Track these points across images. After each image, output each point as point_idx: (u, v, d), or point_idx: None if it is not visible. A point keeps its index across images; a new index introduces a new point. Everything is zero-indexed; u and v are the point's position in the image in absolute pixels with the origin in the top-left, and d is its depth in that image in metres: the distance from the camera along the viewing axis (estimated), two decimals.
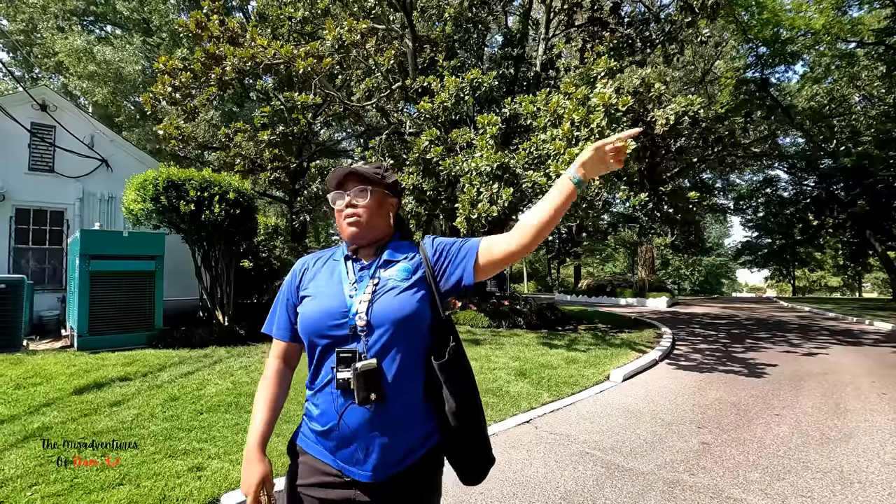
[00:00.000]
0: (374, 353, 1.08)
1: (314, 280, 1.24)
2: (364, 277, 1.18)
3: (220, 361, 5.89)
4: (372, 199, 1.20)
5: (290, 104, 9.00)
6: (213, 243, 8.36)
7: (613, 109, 5.67)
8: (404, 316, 1.10)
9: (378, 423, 1.07)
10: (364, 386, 1.05)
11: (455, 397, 1.11)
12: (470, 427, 1.14)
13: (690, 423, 4.26)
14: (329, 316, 1.13)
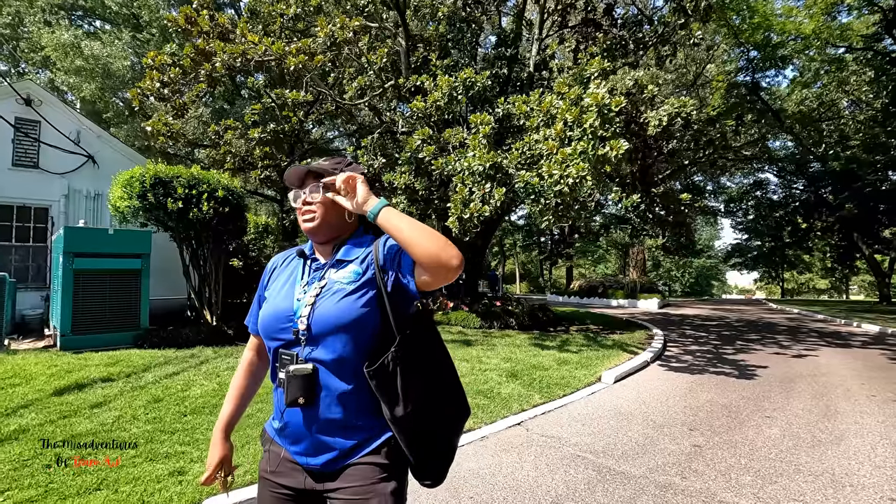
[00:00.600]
0: (312, 357, 1.11)
1: (276, 280, 1.28)
2: (318, 277, 1.19)
3: (207, 362, 5.78)
4: (327, 198, 1.19)
5: (282, 101, 8.88)
6: (201, 242, 8.23)
7: (606, 109, 5.65)
8: (343, 323, 1.10)
9: (313, 423, 1.11)
10: (293, 389, 1.09)
11: (388, 405, 1.10)
12: (413, 434, 1.11)
13: (682, 425, 4.23)
14: (277, 319, 1.17)
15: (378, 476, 1.11)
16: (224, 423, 1.32)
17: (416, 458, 1.14)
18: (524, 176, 6.72)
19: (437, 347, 1.22)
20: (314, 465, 1.13)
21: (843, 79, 22.15)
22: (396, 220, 1.09)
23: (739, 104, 20.92)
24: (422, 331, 1.17)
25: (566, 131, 6.19)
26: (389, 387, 1.09)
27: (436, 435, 1.16)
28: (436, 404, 1.15)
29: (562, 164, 5.95)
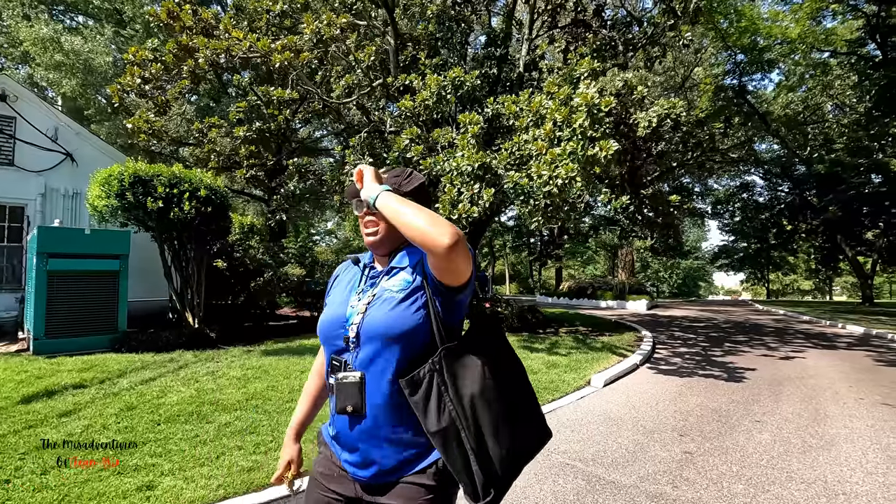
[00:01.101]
0: (361, 364, 1.10)
1: (337, 287, 1.30)
2: (373, 284, 1.19)
3: (186, 367, 5.60)
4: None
5: (267, 99, 8.70)
6: (183, 242, 8.03)
7: (596, 109, 5.57)
8: (392, 331, 1.08)
9: (362, 433, 1.09)
10: (342, 396, 1.10)
11: (422, 417, 1.05)
12: (453, 450, 1.04)
13: (672, 430, 4.16)
14: (331, 325, 1.18)
15: (424, 497, 1.08)
16: (295, 426, 1.37)
17: (456, 475, 1.06)
18: (513, 177, 6.62)
19: (500, 360, 1.14)
20: (362, 477, 1.13)
21: (827, 83, 22.47)
22: (394, 204, 1.06)
23: (727, 107, 21.10)
24: (476, 341, 1.13)
25: (555, 131, 6.11)
26: (422, 399, 1.05)
27: (479, 454, 1.04)
28: (487, 423, 1.05)
29: (551, 165, 5.87)
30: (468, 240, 10.86)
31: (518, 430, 1.10)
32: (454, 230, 0.99)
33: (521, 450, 1.11)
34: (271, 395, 4.45)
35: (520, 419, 1.13)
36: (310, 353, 6.53)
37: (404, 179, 1.24)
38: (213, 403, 4.17)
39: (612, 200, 9.28)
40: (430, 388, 1.05)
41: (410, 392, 1.05)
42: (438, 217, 1.02)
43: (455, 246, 0.99)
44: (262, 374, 5.28)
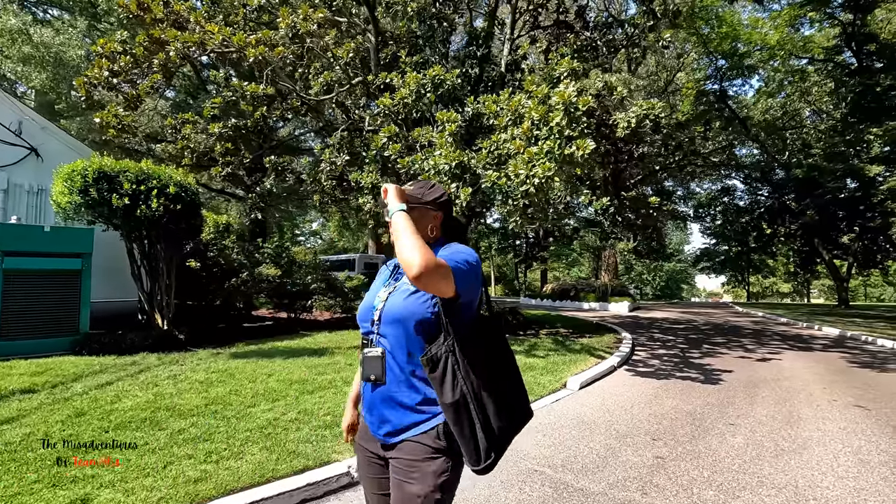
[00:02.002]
0: (381, 342, 1.34)
1: (375, 282, 1.53)
2: (396, 279, 1.43)
3: (148, 370, 5.36)
4: (411, 216, 1.33)
5: (240, 94, 8.47)
6: (152, 241, 7.77)
7: (573, 108, 5.50)
8: (403, 316, 1.30)
9: (380, 399, 1.32)
10: (368, 368, 1.34)
11: (438, 390, 1.25)
12: (462, 420, 1.22)
13: (645, 434, 4.08)
14: (365, 310, 1.43)
15: (425, 455, 1.26)
16: (352, 396, 1.63)
17: (462, 442, 1.24)
18: (491, 176, 6.52)
19: (497, 352, 1.37)
20: (377, 435, 1.35)
21: (805, 89, 22.90)
22: (397, 226, 1.26)
23: (708, 111, 21.36)
24: (481, 335, 1.33)
25: (533, 130, 6.03)
26: (440, 375, 1.24)
27: (485, 425, 1.24)
28: (486, 401, 1.25)
29: (528, 164, 5.78)
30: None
31: (512, 407, 1.34)
32: (423, 263, 1.14)
33: (514, 424, 1.34)
34: (233, 400, 4.26)
35: (513, 399, 1.35)
36: (280, 355, 6.34)
37: (427, 190, 1.47)
38: (170, 409, 3.97)
39: (594, 201, 9.26)
40: (447, 366, 1.24)
41: (430, 369, 1.25)
42: (418, 248, 1.17)
43: (419, 278, 1.15)
44: (227, 377, 5.08)
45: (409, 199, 1.41)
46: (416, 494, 1.23)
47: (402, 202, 1.33)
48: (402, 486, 1.26)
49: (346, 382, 5.04)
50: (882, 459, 3.58)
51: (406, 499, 1.24)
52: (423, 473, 1.24)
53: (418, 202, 1.43)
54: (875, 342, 10.38)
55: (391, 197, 1.35)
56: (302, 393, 4.59)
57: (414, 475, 1.25)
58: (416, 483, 1.24)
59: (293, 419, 3.85)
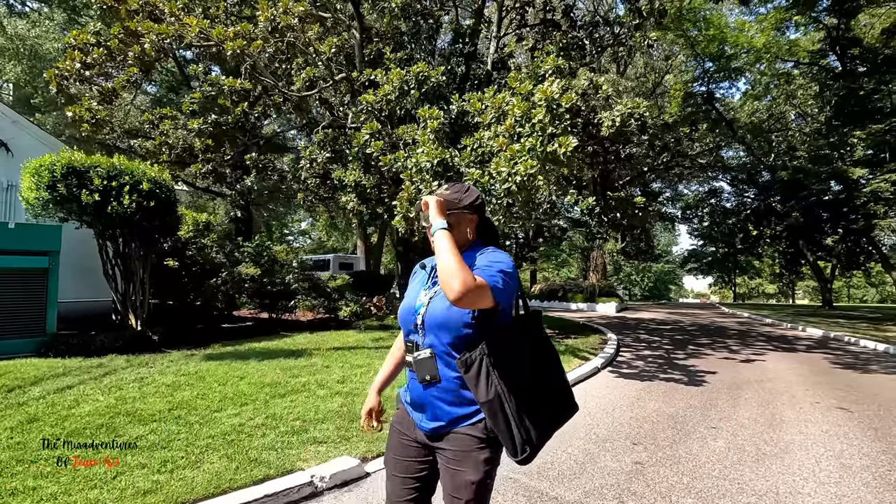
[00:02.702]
0: (427, 345, 1.41)
1: (412, 282, 1.59)
2: (435, 282, 1.46)
3: (114, 373, 5.15)
4: (448, 221, 1.40)
5: (217, 89, 8.26)
6: (126, 239, 7.53)
7: (556, 104, 5.40)
8: (446, 321, 1.36)
9: (434, 395, 1.40)
10: (421, 370, 1.41)
11: (474, 390, 1.33)
12: (497, 416, 1.31)
13: (626, 438, 3.97)
14: (406, 312, 1.49)
15: (475, 445, 1.36)
16: (379, 382, 1.71)
17: (500, 435, 1.33)
18: (474, 174, 6.40)
19: (534, 350, 1.43)
20: (426, 429, 1.43)
21: (790, 92, 23.12)
22: (438, 244, 1.33)
23: (695, 113, 21.48)
24: (516, 336, 1.40)
25: (516, 127, 5.92)
26: (473, 376, 1.32)
27: (519, 422, 1.31)
28: (521, 399, 1.32)
29: (510, 162, 5.66)
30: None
31: (551, 403, 1.41)
32: (462, 289, 1.21)
33: (555, 419, 1.42)
34: (198, 405, 4.08)
35: (552, 395, 1.42)
36: (256, 357, 6.15)
37: (463, 194, 1.51)
38: (130, 414, 3.78)
39: (580, 201, 9.18)
40: (480, 368, 1.31)
41: (465, 370, 1.33)
42: (457, 273, 1.23)
43: (459, 301, 1.23)
44: (197, 380, 4.89)
45: (447, 204, 1.46)
46: (471, 481, 1.34)
47: (444, 218, 1.38)
48: (455, 475, 1.37)
49: (320, 385, 4.87)
50: (864, 464, 3.50)
51: (460, 485, 1.35)
52: (475, 462, 1.35)
53: (456, 207, 1.48)
54: (858, 343, 10.43)
55: (433, 213, 1.39)
56: (273, 396, 4.42)
57: (467, 464, 1.35)
58: (470, 471, 1.35)
59: (260, 424, 3.68)
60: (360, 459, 3.19)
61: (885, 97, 17.87)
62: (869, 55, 18.50)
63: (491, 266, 1.35)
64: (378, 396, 1.75)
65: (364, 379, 5.24)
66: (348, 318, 10.82)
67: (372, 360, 6.32)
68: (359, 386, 4.93)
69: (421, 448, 1.48)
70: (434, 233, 1.36)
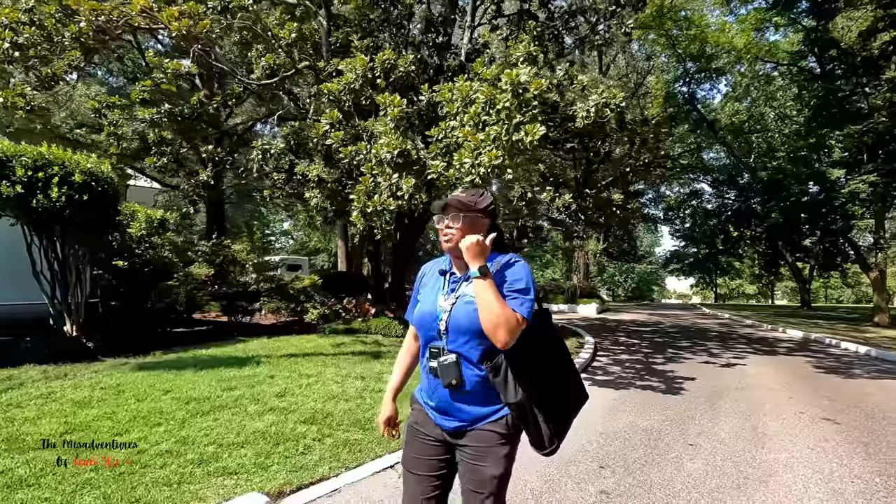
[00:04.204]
0: (452, 350, 1.47)
1: (425, 287, 1.65)
2: (453, 289, 1.53)
3: (19, 387, 4.52)
4: (463, 223, 1.50)
5: (161, 72, 7.62)
6: (62, 236, 6.88)
7: (521, 89, 4.94)
8: (471, 327, 1.43)
9: (457, 398, 1.46)
10: (446, 375, 1.45)
11: (502, 392, 1.41)
12: (526, 415, 1.41)
13: (592, 460, 3.51)
14: (426, 318, 1.55)
15: (496, 441, 1.43)
16: (392, 390, 1.73)
17: (528, 433, 1.45)
18: (437, 166, 5.92)
19: (553, 346, 1.53)
20: (448, 427, 1.49)
21: (770, 93, 23.16)
22: (481, 292, 1.37)
23: (677, 113, 21.36)
24: (535, 335, 1.45)
25: (481, 115, 5.45)
26: (501, 380, 1.40)
27: (546, 417, 1.43)
28: (547, 393, 1.44)
29: (474, 152, 5.19)
30: (406, 235, 9.87)
31: (569, 394, 1.54)
32: (507, 338, 1.33)
33: (572, 408, 1.56)
34: (100, 426, 3.50)
35: (569, 387, 1.54)
36: (195, 365, 5.56)
37: (479, 198, 1.56)
38: (9, 440, 3.19)
39: (556, 198, 8.77)
40: (507, 372, 1.40)
41: (493, 375, 1.41)
42: (504, 321, 1.32)
43: (506, 345, 1.34)
44: (113, 395, 4.30)
45: (463, 206, 1.51)
46: (493, 475, 1.41)
47: (483, 262, 1.40)
48: (477, 470, 1.43)
49: (254, 399, 4.32)
50: (857, 489, 3.09)
51: (483, 480, 1.41)
52: (496, 457, 1.41)
53: (471, 210, 1.52)
54: (839, 345, 10.20)
55: (473, 253, 1.40)
56: (194, 415, 3.85)
57: (488, 459, 1.41)
58: (492, 466, 1.41)
59: (164, 451, 3.12)
60: (269, 497, 2.66)
61: (862, 99, 17.90)
62: (846, 58, 18.52)
63: (519, 295, 1.42)
64: (394, 404, 1.74)
65: (309, 392, 4.71)
66: (316, 321, 10.25)
67: (325, 369, 5.78)
68: (300, 400, 4.39)
69: (441, 446, 1.52)
70: (473, 276, 1.39)
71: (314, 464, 3.11)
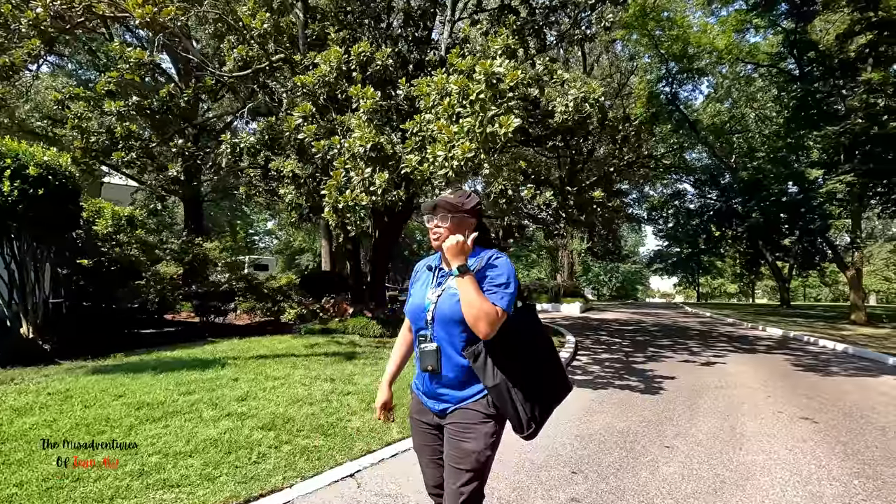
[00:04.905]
0: (436, 338, 1.58)
1: (416, 282, 1.75)
2: (440, 283, 1.62)
3: None
4: (451, 223, 1.61)
5: (125, 61, 7.29)
6: (16, 233, 6.53)
7: (495, 79, 4.78)
8: (454, 317, 1.52)
9: (437, 382, 1.58)
10: (424, 361, 1.59)
11: (482, 378, 1.50)
12: (504, 398, 1.48)
13: (565, 465, 3.36)
14: (416, 310, 1.66)
15: (478, 419, 1.52)
16: (388, 377, 1.84)
17: (508, 416, 1.51)
18: (412, 161, 5.72)
19: (536, 339, 1.61)
20: (435, 410, 1.61)
21: (751, 94, 23.43)
22: (463, 287, 1.47)
23: (660, 113, 21.46)
24: (517, 327, 1.54)
25: (455, 107, 5.27)
26: (481, 365, 1.49)
27: (524, 398, 1.49)
28: (524, 382, 1.50)
29: (447, 145, 5.00)
30: (386, 233, 9.53)
31: (550, 384, 1.59)
32: (488, 329, 1.42)
33: (553, 397, 1.60)
34: (36, 435, 3.24)
35: (551, 377, 1.60)
36: (156, 368, 5.28)
37: (465, 199, 1.65)
38: None
39: (537, 196, 8.64)
40: (486, 357, 1.49)
41: (473, 360, 1.50)
42: (484, 313, 1.41)
43: (488, 335, 1.43)
44: (59, 401, 4.02)
45: (450, 207, 1.61)
46: (472, 451, 1.49)
47: (465, 260, 1.50)
48: (458, 445, 1.52)
49: (212, 404, 4.08)
50: (836, 492, 2.98)
51: (462, 455, 1.50)
52: (477, 434, 1.50)
53: (458, 210, 1.61)
54: (817, 343, 10.26)
55: (455, 251, 1.50)
56: (143, 421, 3.60)
57: (469, 435, 1.51)
58: (472, 441, 1.50)
59: (103, 461, 2.88)
60: None
61: (839, 101, 18.16)
62: (824, 60, 18.78)
63: (499, 289, 1.50)
64: (389, 390, 1.84)
65: (272, 395, 4.48)
66: (292, 321, 9.97)
67: (294, 371, 5.54)
68: (261, 404, 4.16)
69: (437, 430, 1.62)
70: (455, 275, 1.49)
71: (267, 474, 2.90)
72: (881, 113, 15.02)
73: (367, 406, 4.33)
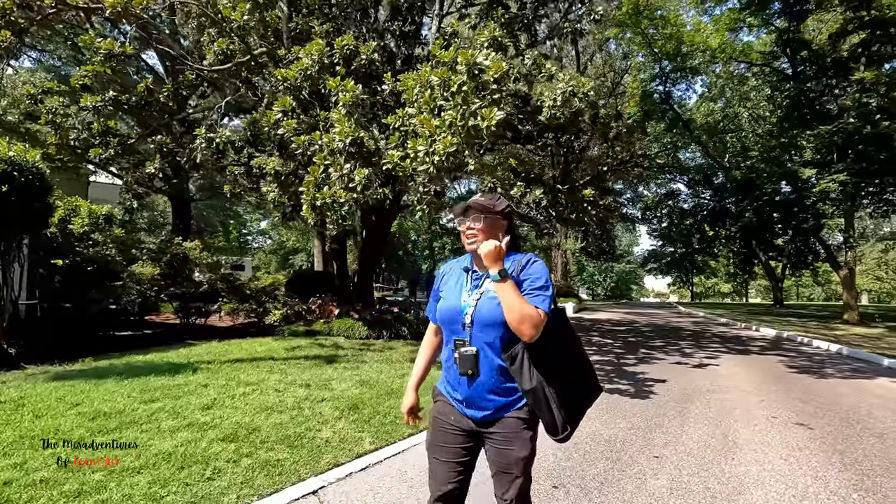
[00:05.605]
0: (475, 342, 1.57)
1: (446, 284, 1.74)
2: (476, 286, 1.62)
3: None
4: (484, 224, 1.61)
5: (94, 52, 7.01)
6: None
7: (478, 70, 4.56)
8: (495, 321, 1.52)
9: (476, 388, 1.56)
10: (463, 365, 1.56)
11: (518, 381, 1.52)
12: (541, 401, 1.50)
13: (546, 478, 3.14)
14: (450, 313, 1.64)
15: (521, 427, 1.55)
16: (415, 381, 1.83)
17: (542, 419, 1.53)
18: (394, 156, 5.49)
19: (567, 340, 1.61)
20: (476, 417, 1.59)
21: (744, 94, 23.35)
22: (504, 294, 1.47)
23: (653, 112, 21.34)
24: (551, 329, 1.51)
25: (437, 100, 5.05)
26: (518, 368, 1.51)
27: (560, 403, 1.51)
28: (561, 382, 1.52)
29: (428, 139, 4.78)
30: (374, 233, 9.17)
31: (582, 386, 1.62)
32: (532, 332, 1.43)
33: (586, 400, 1.63)
34: None
35: (583, 379, 1.63)
36: (122, 374, 5.02)
37: (496, 201, 1.65)
38: None
39: (527, 194, 8.44)
40: (523, 360, 1.51)
41: (510, 363, 1.52)
42: (527, 317, 1.43)
43: (531, 338, 1.45)
44: (10, 411, 3.76)
45: (482, 208, 1.62)
46: (521, 457, 1.54)
47: (501, 265, 1.50)
48: (506, 454, 1.55)
49: (174, 414, 3.83)
50: None
51: (513, 462, 1.54)
52: (522, 441, 1.54)
53: (490, 212, 1.62)
54: (811, 343, 10.13)
55: (491, 258, 1.50)
56: (95, 433, 3.36)
57: (516, 443, 1.54)
58: (519, 449, 1.54)
59: (38, 481, 2.63)
60: None
61: (832, 100, 18.10)
62: (817, 59, 18.71)
63: (539, 291, 1.52)
64: (416, 394, 1.83)
65: (241, 402, 4.23)
66: (277, 322, 9.72)
67: (269, 376, 5.30)
68: (227, 413, 3.92)
69: (465, 435, 1.63)
70: (495, 279, 1.49)
71: (220, 492, 2.66)
72: (874, 112, 14.96)
73: (340, 414, 4.09)
